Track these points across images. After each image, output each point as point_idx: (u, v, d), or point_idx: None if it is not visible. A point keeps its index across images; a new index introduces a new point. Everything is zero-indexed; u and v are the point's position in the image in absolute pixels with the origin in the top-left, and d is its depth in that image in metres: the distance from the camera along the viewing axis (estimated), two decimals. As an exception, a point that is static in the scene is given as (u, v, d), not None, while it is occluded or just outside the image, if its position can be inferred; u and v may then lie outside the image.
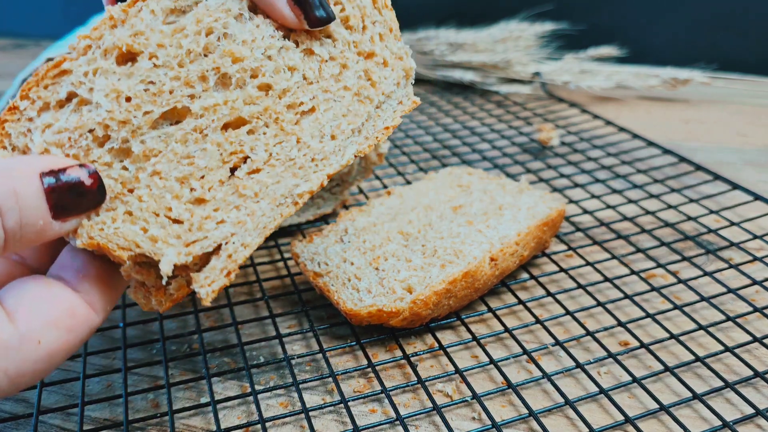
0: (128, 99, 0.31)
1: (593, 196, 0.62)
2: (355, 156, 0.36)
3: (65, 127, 0.30)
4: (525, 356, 0.43)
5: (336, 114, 0.36)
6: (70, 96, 0.30)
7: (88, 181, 0.29)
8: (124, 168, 0.31)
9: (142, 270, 0.31)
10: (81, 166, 0.29)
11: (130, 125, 0.31)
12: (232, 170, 0.33)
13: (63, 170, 0.28)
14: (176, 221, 0.31)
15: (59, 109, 0.30)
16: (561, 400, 0.39)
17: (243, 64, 0.33)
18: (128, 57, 0.31)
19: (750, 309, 0.47)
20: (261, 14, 0.34)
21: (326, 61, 0.36)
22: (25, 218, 0.26)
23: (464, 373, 0.41)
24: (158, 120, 0.31)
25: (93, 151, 0.30)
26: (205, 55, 0.32)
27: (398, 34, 0.39)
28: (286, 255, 0.53)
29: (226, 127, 0.33)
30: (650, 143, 0.74)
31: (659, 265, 0.51)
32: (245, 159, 0.33)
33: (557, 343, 0.43)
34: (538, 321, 0.46)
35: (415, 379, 0.41)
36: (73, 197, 0.28)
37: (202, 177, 0.32)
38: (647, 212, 0.59)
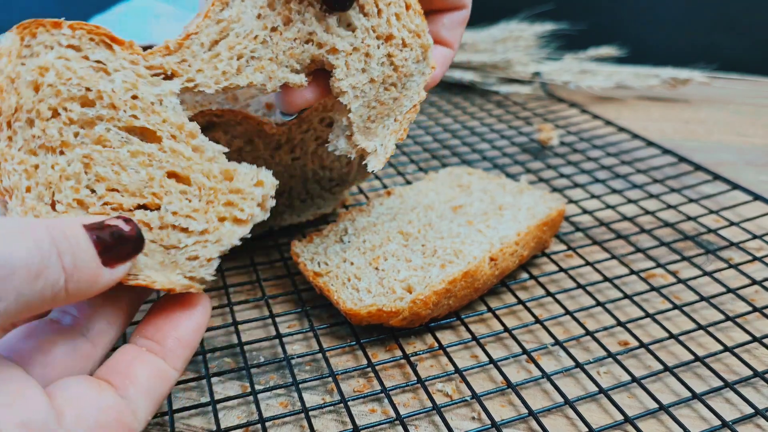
0: (134, 97, 0.32)
1: (593, 196, 0.62)
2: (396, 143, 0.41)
3: (76, 70, 0.31)
4: (524, 356, 0.43)
5: (364, 105, 0.38)
6: (98, 62, 0.32)
7: (126, 228, 0.30)
8: (76, 134, 0.31)
9: None
10: (118, 217, 0.30)
11: (115, 112, 0.32)
12: (138, 207, 0.32)
13: (102, 222, 0.29)
14: (49, 205, 0.31)
15: (82, 59, 0.32)
16: (560, 399, 0.39)
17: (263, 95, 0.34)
18: (165, 75, 0.34)
19: (749, 309, 0.47)
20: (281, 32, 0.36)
21: (350, 53, 0.37)
22: (79, 259, 0.27)
23: (464, 372, 0.41)
24: (135, 129, 0.33)
25: (73, 103, 0.31)
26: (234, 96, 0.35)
27: (417, 9, 0.40)
28: (286, 255, 0.54)
29: (171, 174, 0.33)
30: (650, 143, 0.74)
31: (659, 265, 0.51)
32: (155, 208, 0.32)
33: (557, 342, 0.43)
34: (537, 321, 0.46)
35: (415, 378, 0.41)
36: (116, 241, 0.29)
37: (112, 189, 0.32)
38: (647, 212, 0.59)
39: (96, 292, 0.29)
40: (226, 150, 0.34)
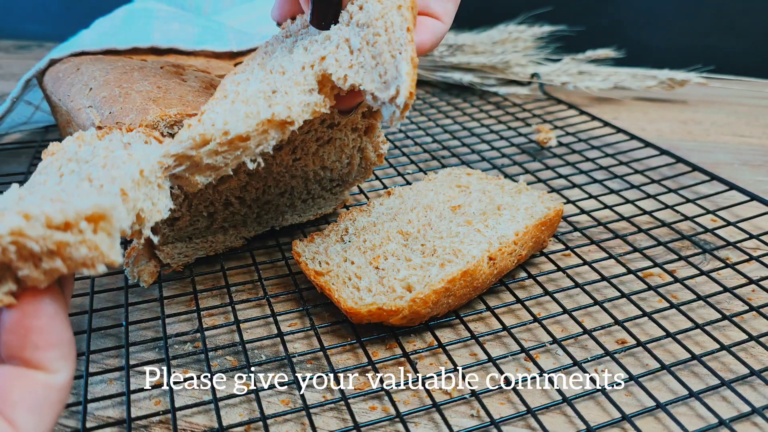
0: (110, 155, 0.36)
1: (591, 196, 0.63)
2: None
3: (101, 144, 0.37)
4: (523, 354, 0.44)
5: (368, 71, 0.39)
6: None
7: None
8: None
9: None
10: None
11: (89, 166, 0.35)
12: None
13: None
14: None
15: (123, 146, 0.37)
16: (559, 397, 0.40)
17: None
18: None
19: (746, 308, 0.47)
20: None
21: (335, 51, 0.40)
22: None
23: (463, 370, 0.42)
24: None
25: (72, 163, 0.36)
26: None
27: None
28: (288, 254, 0.54)
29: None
30: (647, 144, 0.74)
31: (656, 265, 0.52)
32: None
33: (555, 341, 0.44)
34: (536, 319, 0.46)
35: (415, 376, 0.41)
36: None
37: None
38: (644, 212, 0.60)
39: None
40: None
